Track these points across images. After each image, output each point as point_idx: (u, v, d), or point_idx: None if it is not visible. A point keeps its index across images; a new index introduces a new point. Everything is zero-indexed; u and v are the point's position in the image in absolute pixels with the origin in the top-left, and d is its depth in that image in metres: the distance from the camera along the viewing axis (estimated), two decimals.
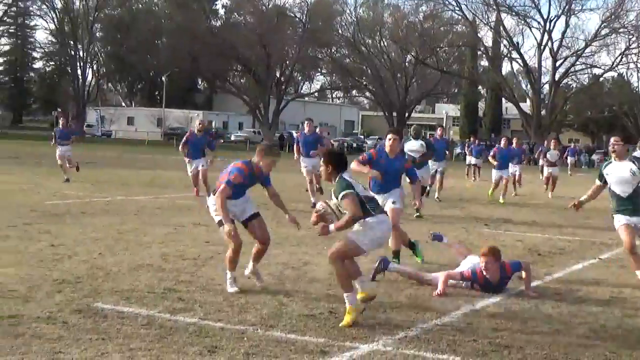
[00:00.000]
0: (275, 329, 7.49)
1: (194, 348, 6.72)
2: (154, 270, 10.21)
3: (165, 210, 17.54)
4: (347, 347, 7.01)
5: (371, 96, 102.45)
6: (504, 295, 9.53)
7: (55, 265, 10.20)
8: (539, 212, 21.20)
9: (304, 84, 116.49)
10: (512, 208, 21.69)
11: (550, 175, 27.87)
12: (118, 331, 7.16)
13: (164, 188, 24.14)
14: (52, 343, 6.68)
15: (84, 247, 11.72)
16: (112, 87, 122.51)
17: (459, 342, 7.37)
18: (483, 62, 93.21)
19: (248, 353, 6.66)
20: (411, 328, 7.79)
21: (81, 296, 8.48)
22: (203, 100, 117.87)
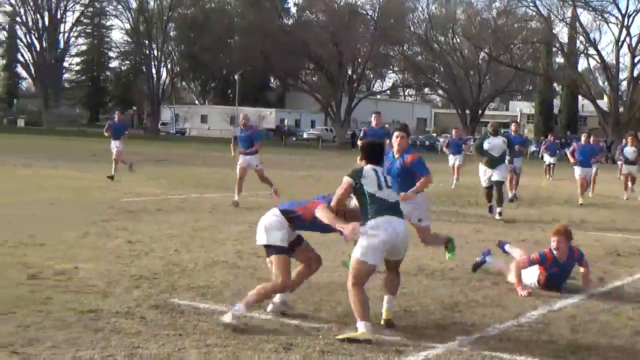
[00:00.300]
0: (351, 327, 7.46)
1: (269, 345, 6.74)
2: (229, 267, 10.29)
3: (239, 208, 17.66)
4: (422, 346, 6.95)
5: (444, 94, 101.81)
6: (582, 296, 9.37)
7: (133, 261, 10.36)
8: (618, 211, 20.80)
9: (375, 82, 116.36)
10: (590, 207, 21.31)
11: (629, 173, 26.05)
12: (195, 327, 7.23)
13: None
14: (130, 338, 6.77)
15: (160, 244, 11.88)
16: (185, 86, 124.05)
17: (537, 343, 7.27)
18: (558, 58, 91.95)
19: (323, 351, 6.65)
20: (487, 328, 7.70)
21: (158, 292, 8.59)
22: (275, 98, 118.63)
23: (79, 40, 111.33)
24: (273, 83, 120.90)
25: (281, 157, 46.90)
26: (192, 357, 6.34)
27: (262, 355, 6.46)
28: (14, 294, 8.12)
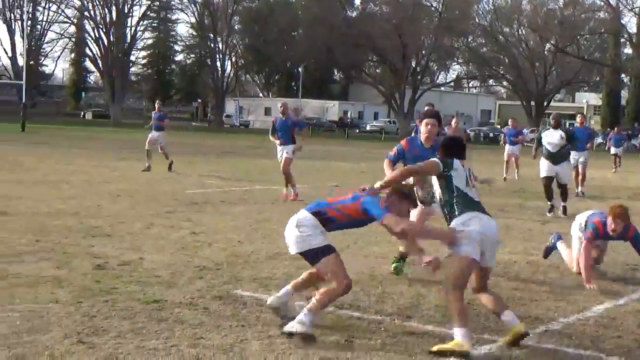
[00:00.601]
0: (413, 320, 7.45)
1: (331, 337, 6.75)
2: (291, 259, 10.28)
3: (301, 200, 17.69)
4: (486, 339, 6.90)
5: (508, 85, 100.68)
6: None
7: (196, 252, 10.46)
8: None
9: (439, 74, 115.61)
10: None
11: None
12: (257, 318, 7.27)
13: (301, 177, 24.35)
14: (194, 328, 6.83)
15: (223, 235, 11.97)
16: (250, 79, 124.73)
17: (603, 337, 7.16)
18: (627, 49, 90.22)
19: (385, 343, 6.64)
20: (552, 322, 7.61)
21: (221, 283, 8.65)
22: (339, 90, 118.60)
23: (145, 34, 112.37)
24: (336, 75, 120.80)
25: (343, 149, 46.94)
26: (254, 348, 6.38)
27: (324, 347, 6.46)
28: (81, 284, 8.26)
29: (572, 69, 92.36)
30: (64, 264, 9.24)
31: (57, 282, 8.26)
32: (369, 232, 10.64)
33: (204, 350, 6.23)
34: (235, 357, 6.14)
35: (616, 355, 6.62)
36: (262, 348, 6.38)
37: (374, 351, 6.44)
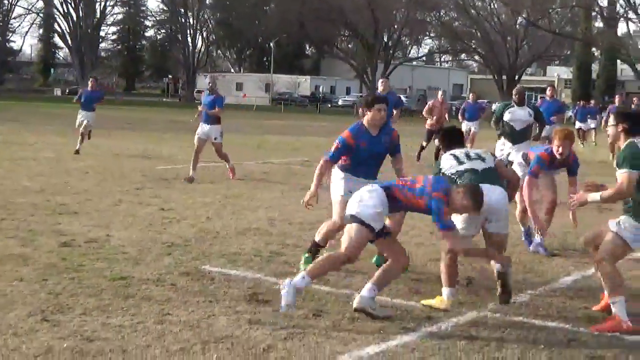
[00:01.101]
0: (382, 294, 7.41)
1: (299, 311, 6.72)
2: (260, 234, 10.28)
3: (272, 175, 17.67)
4: (453, 312, 6.91)
5: (480, 59, 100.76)
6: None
7: (165, 228, 10.39)
8: None
9: (411, 48, 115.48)
10: None
11: None
12: (225, 294, 7.24)
13: (271, 152, 24.32)
14: (160, 305, 6.79)
15: (193, 211, 11.90)
16: (221, 54, 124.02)
17: (569, 308, 7.20)
18: (598, 23, 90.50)
19: (353, 317, 6.63)
20: (519, 294, 7.62)
21: (189, 259, 8.60)
22: (311, 65, 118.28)
23: (115, 9, 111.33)
24: (308, 50, 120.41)
25: (315, 124, 46.89)
26: (222, 323, 6.35)
27: (292, 322, 6.44)
28: (46, 261, 8.18)
29: (543, 43, 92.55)
30: (29, 241, 9.13)
31: (22, 260, 8.16)
32: None
33: (170, 327, 6.19)
34: (202, 332, 6.10)
35: (582, 326, 6.65)
36: (229, 323, 6.35)
37: (342, 324, 6.42)
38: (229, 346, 5.81)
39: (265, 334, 6.12)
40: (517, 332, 6.40)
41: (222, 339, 5.96)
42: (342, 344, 5.95)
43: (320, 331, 6.23)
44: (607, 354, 5.97)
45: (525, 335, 6.32)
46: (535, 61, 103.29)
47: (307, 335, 6.11)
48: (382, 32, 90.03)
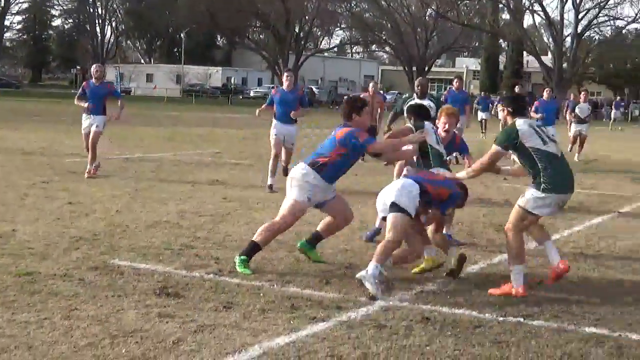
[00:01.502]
0: (292, 285, 7.48)
1: (209, 304, 6.72)
2: (170, 227, 10.21)
3: (183, 167, 17.55)
4: (362, 302, 6.99)
5: (391, 51, 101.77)
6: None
7: (73, 222, 10.22)
8: None
9: (323, 39, 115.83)
10: None
11: (580, 134, 23.61)
12: (134, 288, 7.17)
13: (182, 144, 24.13)
14: (68, 300, 6.69)
15: (102, 205, 11.74)
16: (131, 44, 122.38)
17: (475, 296, 7.35)
18: (504, 15, 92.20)
19: (264, 309, 6.65)
20: (427, 283, 7.76)
21: (98, 253, 8.49)
22: (222, 56, 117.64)
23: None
24: (220, 41, 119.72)
25: (227, 116, 46.72)
26: (131, 317, 6.29)
27: (202, 315, 6.43)
28: None
29: (452, 34, 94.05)
30: None
31: None
32: (250, 198, 10.63)
33: (77, 322, 6.11)
34: (110, 327, 6.04)
35: (488, 313, 6.80)
36: (138, 317, 6.30)
37: (252, 316, 6.44)
38: (138, 340, 5.76)
39: (175, 327, 6.09)
40: (425, 319, 6.50)
41: (131, 333, 5.91)
42: (252, 335, 5.97)
43: (230, 323, 6.23)
44: (512, 339, 6.12)
45: (432, 323, 6.43)
46: (444, 52, 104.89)
47: (217, 328, 6.10)
48: (293, 23, 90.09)
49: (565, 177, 7.55)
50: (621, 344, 6.10)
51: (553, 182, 7.40)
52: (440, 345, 5.93)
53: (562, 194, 7.53)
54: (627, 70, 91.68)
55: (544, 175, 7.40)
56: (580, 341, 6.13)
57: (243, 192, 13.66)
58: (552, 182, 7.41)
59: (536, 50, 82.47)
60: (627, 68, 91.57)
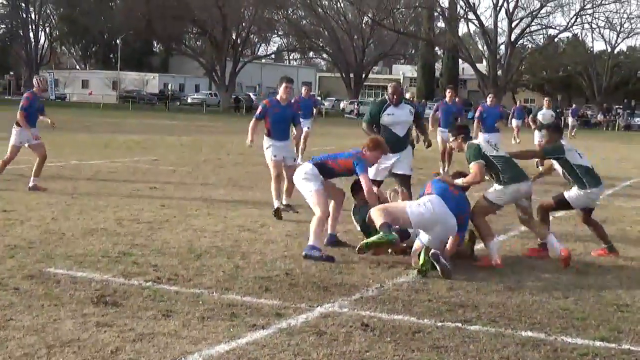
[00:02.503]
0: (231, 292, 7.45)
1: (148, 312, 6.66)
2: (108, 234, 10.10)
3: (120, 174, 17.37)
4: (302, 309, 6.99)
5: (328, 57, 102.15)
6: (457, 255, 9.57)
7: (8, 231, 10.04)
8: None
9: (260, 46, 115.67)
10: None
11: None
12: (71, 297, 7.07)
13: (119, 151, 23.88)
14: (2, 310, 6.57)
15: (37, 212, 11.56)
16: (65, 50, 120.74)
17: (415, 302, 7.40)
18: (440, 23, 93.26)
19: (203, 317, 6.61)
20: (367, 289, 7.80)
21: (34, 261, 8.36)
22: (159, 62, 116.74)
23: None
24: (156, 47, 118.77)
25: (164, 123, 46.38)
26: (68, 327, 6.20)
27: (141, 323, 6.37)
28: None
29: (389, 42, 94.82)
30: None
31: None
32: (188, 205, 10.57)
33: (13, 332, 6.00)
34: (47, 337, 5.94)
35: (427, 318, 6.86)
36: (75, 327, 6.21)
37: (192, 324, 6.40)
38: (76, 350, 5.69)
39: (114, 336, 6.03)
40: (365, 326, 6.53)
41: (69, 342, 5.83)
42: (192, 343, 5.93)
43: (169, 331, 6.19)
44: (450, 344, 6.18)
45: (372, 329, 6.46)
46: (381, 60, 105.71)
47: (157, 336, 6.05)
48: (230, 29, 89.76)
49: (517, 171, 9.48)
50: (557, 347, 6.20)
51: (509, 177, 9.34)
52: (380, 351, 5.96)
53: (517, 183, 9.37)
54: (559, 77, 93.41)
55: (502, 173, 9.35)
56: (517, 345, 6.22)
57: (181, 200, 13.58)
58: (509, 177, 9.33)
59: (471, 58, 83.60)
60: (559, 75, 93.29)
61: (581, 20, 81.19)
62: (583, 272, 8.97)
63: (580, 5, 79.03)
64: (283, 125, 12.35)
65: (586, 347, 6.25)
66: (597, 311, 7.29)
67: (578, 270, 9.02)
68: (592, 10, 79.60)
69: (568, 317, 7.05)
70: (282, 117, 12.28)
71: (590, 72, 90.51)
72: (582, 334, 6.58)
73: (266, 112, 12.20)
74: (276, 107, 12.29)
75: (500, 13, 79.83)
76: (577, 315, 7.10)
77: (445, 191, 8.96)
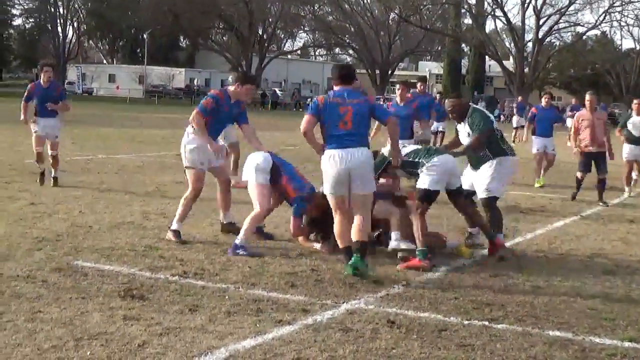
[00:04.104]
0: (257, 287, 7.46)
1: (174, 307, 6.67)
2: (135, 228, 10.14)
3: (146, 169, 17.44)
4: (328, 305, 6.98)
5: (354, 54, 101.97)
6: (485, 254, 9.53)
7: (35, 223, 10.11)
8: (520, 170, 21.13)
9: (286, 42, 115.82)
10: None
11: (636, 159, 16.36)
12: (98, 290, 7.11)
13: (145, 146, 23.98)
14: (31, 302, 6.61)
15: (65, 206, 11.63)
16: (93, 45, 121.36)
17: (441, 299, 7.37)
18: (467, 20, 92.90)
19: (229, 312, 6.62)
20: (393, 286, 7.78)
21: (61, 254, 8.40)
22: (185, 57, 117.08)
23: None
24: (183, 42, 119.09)
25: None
26: (95, 320, 6.23)
27: (167, 317, 6.38)
28: None
29: (415, 38, 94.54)
30: None
31: None
32: (213, 200, 10.57)
33: (41, 325, 6.04)
34: (75, 329, 5.97)
35: (453, 316, 6.83)
36: (102, 320, 6.24)
37: (218, 319, 6.41)
38: (103, 343, 5.71)
39: (141, 329, 6.05)
40: (391, 323, 6.51)
41: (96, 335, 5.86)
42: (218, 338, 5.94)
43: (196, 326, 6.20)
44: (477, 342, 6.14)
45: (398, 326, 6.44)
46: (407, 56, 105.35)
47: (183, 331, 6.07)
48: (256, 25, 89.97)
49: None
50: (585, 348, 6.15)
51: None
52: (406, 349, 5.94)
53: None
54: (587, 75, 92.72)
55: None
56: (545, 344, 6.18)
57: (206, 194, 13.58)
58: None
59: (498, 55, 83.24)
60: (587, 73, 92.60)
61: (610, 17, 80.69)
62: (611, 271, 8.89)
63: (609, 2, 78.41)
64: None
65: (614, 347, 6.20)
66: (625, 311, 7.23)
67: (606, 270, 8.95)
68: (621, 7, 79.02)
69: (596, 317, 6.99)
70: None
71: (619, 70, 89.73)
72: (611, 334, 6.53)
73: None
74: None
75: (528, 10, 79.56)
76: (605, 316, 7.04)
77: None
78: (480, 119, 9.56)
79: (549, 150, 18.00)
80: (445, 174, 8.91)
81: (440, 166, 8.85)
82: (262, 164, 9.28)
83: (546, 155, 18.00)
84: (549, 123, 18.02)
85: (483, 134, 9.48)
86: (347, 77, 8.36)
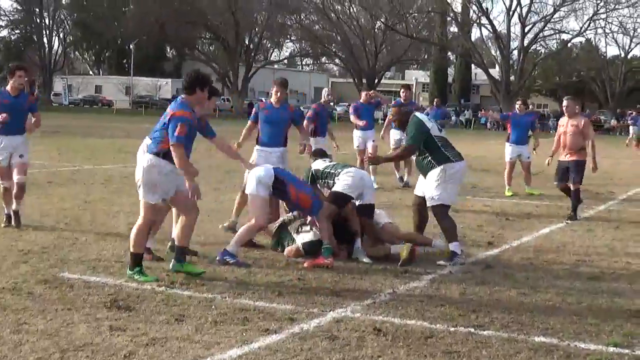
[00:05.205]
0: (244, 297, 7.47)
1: (161, 317, 6.68)
2: (121, 239, 10.12)
3: (133, 179, 17.31)
4: (315, 313, 7.00)
5: (341, 63, 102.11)
6: (471, 261, 9.56)
7: (21, 235, 10.10)
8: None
9: (273, 51, 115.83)
10: (480, 173, 21.74)
11: None
12: (84, 301, 7.10)
13: (132, 156, 23.89)
14: (17, 314, 6.61)
15: (50, 217, 11.62)
16: (79, 56, 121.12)
17: (427, 307, 7.39)
18: (452, 28, 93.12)
19: (216, 321, 6.63)
20: (379, 294, 7.80)
21: (47, 266, 8.40)
22: (172, 68, 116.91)
23: None
24: (169, 53, 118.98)
25: None
26: (81, 331, 6.23)
27: (154, 327, 6.39)
28: None
29: (401, 47, 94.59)
30: None
31: None
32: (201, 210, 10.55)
33: (27, 336, 6.04)
34: (60, 341, 5.97)
35: (439, 323, 6.86)
36: (89, 331, 6.24)
37: (205, 328, 6.42)
38: (89, 354, 5.71)
39: (127, 340, 6.05)
40: (377, 331, 6.53)
41: (82, 346, 5.86)
42: (204, 348, 5.95)
43: (182, 336, 6.21)
44: (463, 349, 6.17)
45: (384, 334, 6.46)
46: (393, 65, 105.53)
47: (170, 340, 6.07)
48: (243, 34, 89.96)
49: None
50: (570, 353, 6.18)
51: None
52: (393, 356, 5.96)
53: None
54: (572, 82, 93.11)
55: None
56: (530, 350, 6.21)
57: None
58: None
59: (484, 63, 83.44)
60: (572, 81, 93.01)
61: (594, 25, 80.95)
62: (596, 277, 8.94)
63: (593, 9, 78.75)
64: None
65: (599, 352, 6.24)
66: (610, 317, 7.26)
67: (591, 276, 8.99)
68: (605, 14, 79.39)
69: (581, 323, 7.03)
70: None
71: (604, 77, 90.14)
72: (595, 340, 6.56)
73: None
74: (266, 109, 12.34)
75: (513, 18, 79.75)
76: (590, 321, 7.08)
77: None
78: (413, 129, 9.72)
79: (523, 159, 17.61)
80: (360, 183, 9.54)
81: (355, 176, 9.55)
82: (264, 177, 9.21)
83: (521, 163, 17.67)
84: (525, 130, 17.73)
85: (410, 145, 9.86)
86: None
